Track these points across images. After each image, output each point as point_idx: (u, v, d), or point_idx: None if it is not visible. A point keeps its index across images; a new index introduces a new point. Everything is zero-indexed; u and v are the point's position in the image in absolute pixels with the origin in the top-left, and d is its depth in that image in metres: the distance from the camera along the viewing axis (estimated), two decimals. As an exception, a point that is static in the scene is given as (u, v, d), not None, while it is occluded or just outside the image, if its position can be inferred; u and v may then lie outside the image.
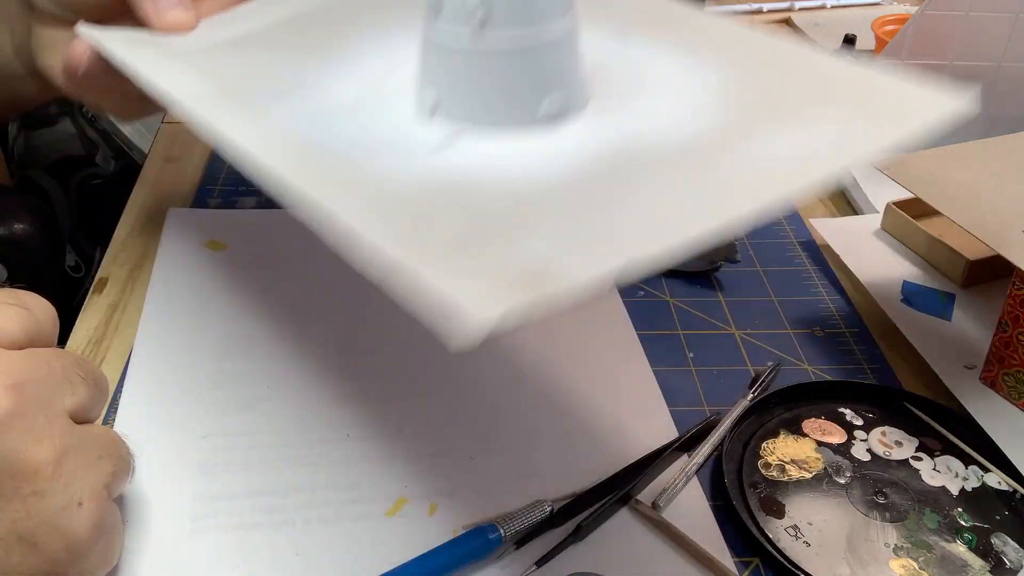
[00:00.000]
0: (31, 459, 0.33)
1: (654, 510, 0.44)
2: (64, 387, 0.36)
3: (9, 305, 0.36)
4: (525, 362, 0.52)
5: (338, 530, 0.42)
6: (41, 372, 0.35)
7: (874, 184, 0.67)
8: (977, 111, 0.36)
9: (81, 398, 0.37)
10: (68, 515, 0.34)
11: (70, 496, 0.34)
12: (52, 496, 0.33)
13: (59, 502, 0.34)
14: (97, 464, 0.36)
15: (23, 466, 0.33)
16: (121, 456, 0.38)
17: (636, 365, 0.52)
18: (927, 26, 0.67)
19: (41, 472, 0.33)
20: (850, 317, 0.57)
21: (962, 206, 0.52)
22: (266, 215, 0.63)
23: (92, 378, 0.38)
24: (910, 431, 0.49)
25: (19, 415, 0.33)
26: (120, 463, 0.38)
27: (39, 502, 0.33)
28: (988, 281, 0.59)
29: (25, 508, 0.33)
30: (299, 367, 0.51)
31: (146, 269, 0.58)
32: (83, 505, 0.34)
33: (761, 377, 0.52)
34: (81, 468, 0.35)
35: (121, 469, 0.38)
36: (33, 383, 0.34)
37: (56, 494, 0.34)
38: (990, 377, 0.51)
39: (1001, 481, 0.46)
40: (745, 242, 0.64)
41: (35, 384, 0.34)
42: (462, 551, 0.41)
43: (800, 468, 0.47)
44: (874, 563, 0.42)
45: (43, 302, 0.38)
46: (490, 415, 0.49)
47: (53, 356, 0.36)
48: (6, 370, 0.33)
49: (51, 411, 0.35)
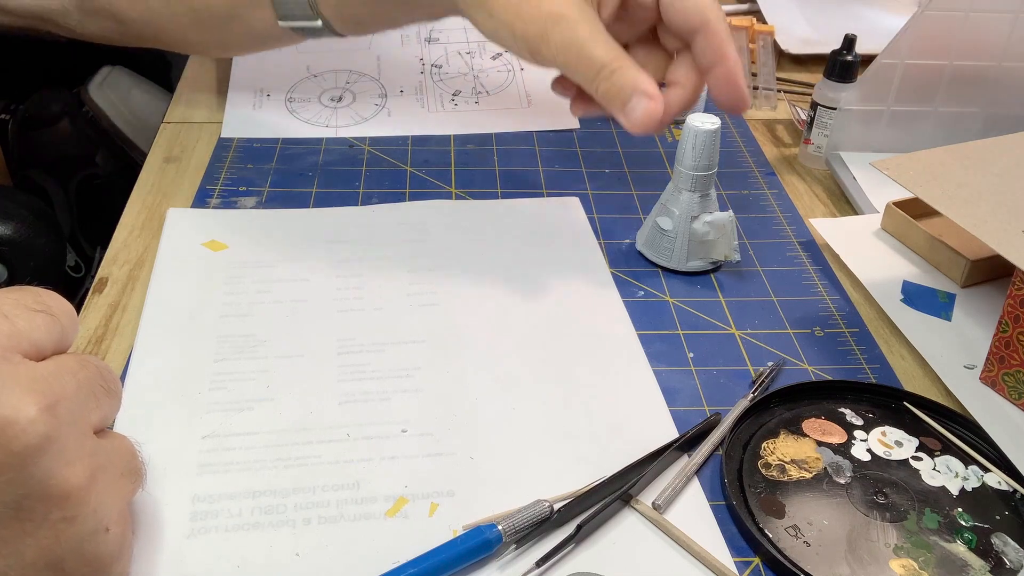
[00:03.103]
0: (63, 484, 0.32)
1: (654, 510, 0.44)
2: (90, 402, 0.35)
3: (36, 312, 0.34)
4: (525, 362, 0.52)
5: (338, 530, 0.42)
6: (70, 387, 0.33)
7: (874, 184, 0.67)
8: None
9: (104, 411, 0.36)
10: (96, 541, 0.33)
11: (99, 521, 0.33)
12: (83, 522, 0.33)
13: (89, 527, 0.33)
14: (121, 483, 0.36)
15: (55, 491, 0.32)
16: (138, 470, 0.37)
17: (636, 365, 0.52)
18: (927, 26, 0.67)
19: (72, 497, 0.32)
20: (850, 317, 0.57)
21: (962, 206, 0.52)
22: (266, 215, 0.63)
23: (113, 388, 0.37)
24: (910, 431, 0.49)
25: (53, 438, 0.31)
26: (138, 478, 0.37)
27: (68, 528, 0.32)
28: (988, 281, 0.59)
29: (55, 534, 0.32)
30: (299, 367, 0.51)
31: (146, 269, 0.58)
32: (110, 531, 0.34)
33: (761, 377, 0.52)
34: (108, 489, 0.34)
35: (138, 484, 0.37)
36: (64, 401, 0.33)
37: (87, 520, 0.33)
38: (990, 377, 0.51)
39: (1001, 481, 0.46)
40: (745, 242, 0.64)
41: (66, 402, 0.33)
42: (462, 551, 0.41)
43: (800, 468, 0.47)
44: (874, 563, 0.42)
45: (63, 303, 0.36)
46: (490, 415, 0.49)
47: (78, 366, 0.35)
48: (41, 389, 0.32)
49: (81, 429, 0.34)
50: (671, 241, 0.58)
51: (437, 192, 0.67)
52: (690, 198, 0.57)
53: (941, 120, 0.71)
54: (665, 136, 0.76)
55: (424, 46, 0.86)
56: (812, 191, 0.70)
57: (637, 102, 0.50)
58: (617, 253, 0.62)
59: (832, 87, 0.70)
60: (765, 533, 0.43)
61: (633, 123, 0.50)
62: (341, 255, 0.60)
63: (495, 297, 0.57)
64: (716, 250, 0.59)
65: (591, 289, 0.58)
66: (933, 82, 0.69)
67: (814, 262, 0.62)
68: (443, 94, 0.80)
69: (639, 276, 0.60)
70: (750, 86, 0.82)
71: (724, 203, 0.67)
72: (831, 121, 0.70)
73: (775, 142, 0.77)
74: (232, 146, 0.71)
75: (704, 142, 0.56)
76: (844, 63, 0.69)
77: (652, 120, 0.50)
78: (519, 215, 0.65)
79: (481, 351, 0.53)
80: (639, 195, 0.68)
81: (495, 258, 0.60)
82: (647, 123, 0.50)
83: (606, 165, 0.72)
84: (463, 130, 0.75)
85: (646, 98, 0.50)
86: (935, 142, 0.62)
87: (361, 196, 0.66)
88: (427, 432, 0.47)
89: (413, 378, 0.51)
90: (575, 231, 0.63)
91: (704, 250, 0.59)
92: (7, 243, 0.63)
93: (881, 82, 0.69)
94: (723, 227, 0.58)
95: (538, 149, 0.73)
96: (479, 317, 0.55)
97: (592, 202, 0.67)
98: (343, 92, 0.78)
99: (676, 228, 0.58)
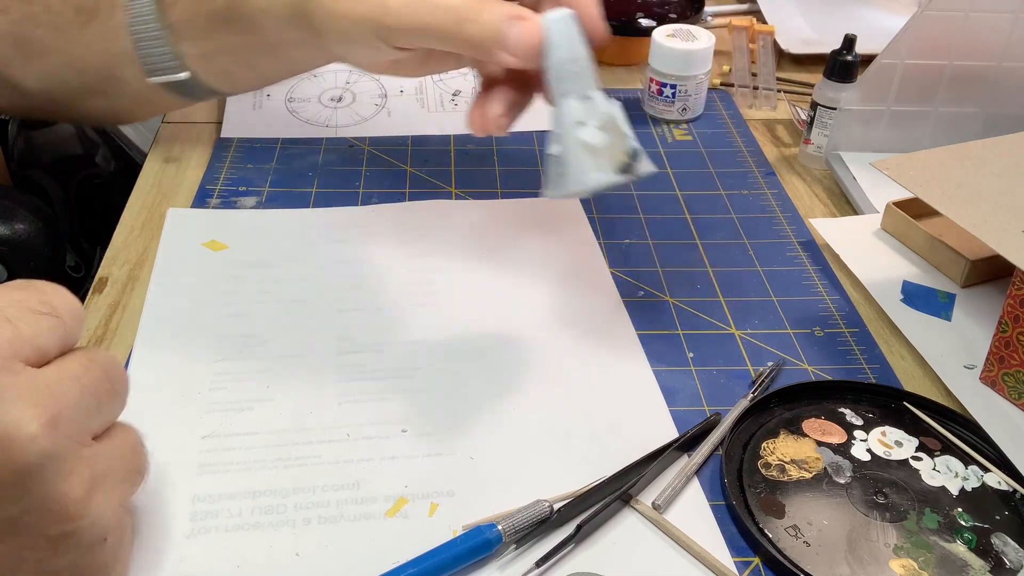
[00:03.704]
0: (62, 499, 0.31)
1: (654, 510, 0.44)
2: (93, 407, 0.34)
3: (42, 316, 0.33)
4: (525, 362, 0.52)
5: (338, 530, 0.42)
6: (73, 395, 0.33)
7: (874, 184, 0.67)
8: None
9: (108, 415, 0.35)
10: (93, 552, 0.33)
11: (97, 532, 0.33)
12: (80, 535, 0.32)
13: (86, 540, 0.32)
14: (121, 488, 0.35)
15: (54, 507, 0.31)
16: (140, 467, 0.37)
17: (636, 365, 0.52)
18: (927, 26, 0.67)
19: (71, 512, 0.31)
20: (850, 317, 0.57)
21: (962, 206, 0.52)
22: (266, 215, 0.63)
23: (119, 388, 0.36)
24: (910, 431, 0.49)
25: (53, 455, 0.31)
26: (139, 475, 0.37)
27: (65, 541, 0.32)
28: (988, 281, 0.59)
29: (52, 548, 0.32)
30: (299, 367, 0.51)
31: (146, 269, 0.58)
32: (107, 540, 0.33)
33: (761, 377, 0.52)
34: (108, 497, 0.33)
35: (140, 482, 0.37)
36: (67, 410, 0.32)
37: (84, 533, 0.32)
38: (990, 377, 0.51)
39: (1001, 481, 0.46)
40: (745, 242, 0.64)
41: (69, 411, 0.32)
42: (462, 551, 0.41)
43: (800, 468, 0.47)
44: (874, 563, 0.42)
45: (70, 300, 0.35)
46: (490, 415, 0.49)
47: (82, 370, 0.34)
48: (43, 401, 0.31)
49: (82, 438, 0.33)
50: (562, 164, 0.47)
51: (437, 192, 0.67)
52: (567, 106, 0.47)
53: (941, 120, 0.71)
54: (665, 136, 0.76)
55: (424, 46, 0.86)
56: (812, 191, 0.70)
57: (510, 26, 0.45)
58: (617, 253, 0.62)
59: (832, 87, 0.70)
60: (765, 533, 0.43)
61: (515, 48, 0.45)
62: (341, 255, 0.60)
63: (495, 297, 0.57)
64: (612, 155, 0.47)
65: (591, 289, 0.58)
66: (933, 82, 0.69)
67: (814, 262, 0.62)
68: (443, 94, 0.80)
69: (639, 276, 0.60)
70: (750, 86, 0.82)
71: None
72: (831, 121, 0.70)
73: (775, 142, 0.77)
74: (232, 146, 0.71)
75: (559, 33, 0.47)
76: (844, 63, 0.69)
77: (533, 40, 0.45)
78: (519, 215, 0.65)
79: (481, 351, 0.53)
80: (639, 195, 0.68)
81: (495, 258, 0.60)
82: (529, 43, 0.45)
83: (606, 165, 0.72)
84: (463, 130, 0.75)
85: (520, 20, 0.45)
86: (935, 142, 0.62)
87: (361, 196, 0.66)
88: (427, 432, 0.47)
89: (413, 378, 0.51)
90: (575, 231, 0.63)
91: (598, 159, 0.47)
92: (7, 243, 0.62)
93: (881, 82, 0.69)
94: (609, 121, 0.47)
95: (538, 149, 0.73)
96: (479, 317, 0.55)
97: (592, 202, 0.67)
98: (343, 92, 0.78)
99: (563, 141, 0.47)
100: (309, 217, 0.63)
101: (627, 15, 0.86)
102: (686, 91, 0.76)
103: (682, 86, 0.76)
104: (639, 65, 0.86)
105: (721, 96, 0.82)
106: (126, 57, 0.56)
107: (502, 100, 0.49)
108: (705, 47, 0.75)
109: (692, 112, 0.78)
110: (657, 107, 0.78)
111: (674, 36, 0.76)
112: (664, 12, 0.87)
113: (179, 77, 0.56)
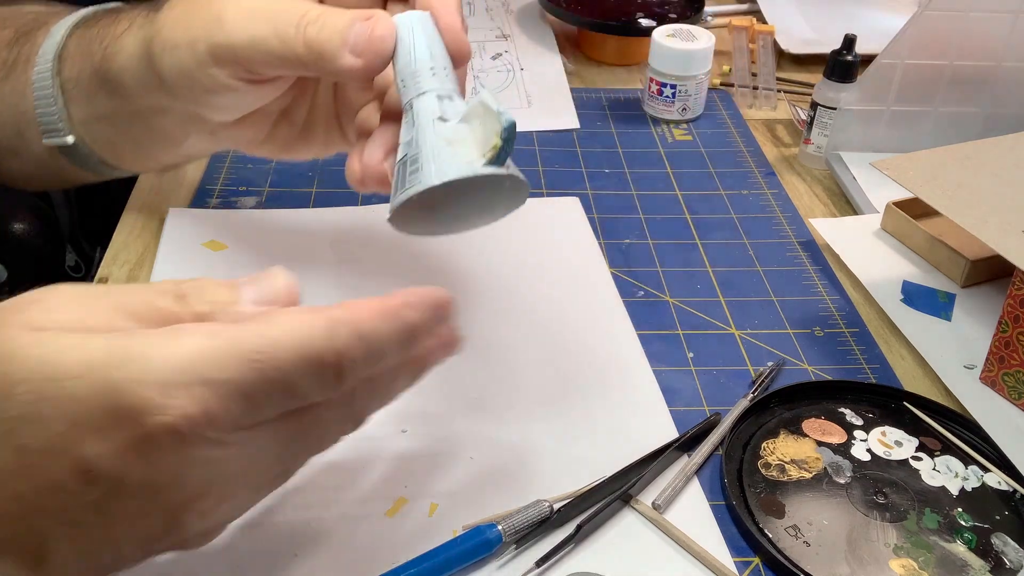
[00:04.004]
0: None
1: (654, 510, 0.44)
2: None
3: None
4: (525, 362, 0.52)
5: (338, 530, 0.42)
6: None
7: (874, 184, 0.67)
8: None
9: None
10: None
11: None
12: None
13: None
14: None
15: None
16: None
17: (636, 365, 0.52)
18: (927, 26, 0.67)
19: None
20: (850, 317, 0.57)
21: (962, 206, 0.52)
22: (266, 215, 0.63)
23: None
24: (910, 431, 0.49)
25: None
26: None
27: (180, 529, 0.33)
28: (988, 281, 0.59)
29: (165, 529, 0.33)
30: (299, 367, 0.51)
31: (146, 269, 0.58)
32: None
33: (761, 377, 0.52)
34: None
35: None
36: None
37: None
38: (990, 377, 0.51)
39: (1001, 481, 0.46)
40: (745, 242, 0.64)
41: None
42: (462, 551, 0.41)
43: (800, 468, 0.47)
44: (874, 563, 0.42)
45: None
46: (490, 415, 0.49)
47: None
48: None
49: None
50: (415, 162, 0.39)
51: (437, 192, 0.67)
52: (424, 102, 0.40)
53: (941, 120, 0.71)
54: (665, 136, 0.76)
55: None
56: (812, 191, 0.70)
57: (357, 27, 0.40)
58: (617, 253, 0.62)
59: (832, 87, 0.70)
60: (765, 533, 0.43)
61: (361, 47, 0.40)
62: (341, 255, 0.60)
63: (495, 297, 0.57)
64: (480, 140, 0.39)
65: (591, 289, 0.58)
66: (933, 82, 0.69)
67: (814, 262, 0.62)
68: (443, 94, 0.80)
69: (639, 276, 0.60)
70: (750, 86, 0.82)
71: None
72: (831, 121, 0.70)
73: (775, 142, 0.77)
74: (232, 146, 0.71)
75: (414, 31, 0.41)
76: (844, 63, 0.69)
77: (381, 34, 0.40)
78: (519, 215, 0.65)
79: (481, 351, 0.53)
80: (639, 195, 0.68)
81: (495, 258, 0.60)
82: (376, 39, 0.40)
83: (606, 165, 0.72)
84: (463, 130, 0.75)
85: (365, 20, 0.40)
86: (935, 142, 0.62)
87: (361, 196, 0.66)
88: (427, 432, 0.47)
89: (413, 378, 0.51)
90: (575, 231, 0.63)
91: (461, 148, 0.39)
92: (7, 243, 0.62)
93: (881, 82, 0.69)
94: (475, 110, 0.39)
95: (538, 149, 0.73)
96: (479, 317, 0.55)
97: (592, 202, 0.67)
98: (343, 92, 0.78)
99: (417, 140, 0.39)
100: (309, 217, 0.63)
101: (627, 15, 0.86)
102: (686, 91, 0.76)
103: (682, 86, 0.76)
104: (639, 65, 0.86)
105: (721, 96, 0.82)
106: (29, 116, 0.53)
107: (382, 143, 0.43)
108: (705, 47, 0.75)
109: (692, 112, 0.78)
110: (657, 107, 0.78)
111: (674, 36, 0.76)
112: (664, 12, 0.87)
113: (66, 141, 0.52)
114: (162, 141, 0.52)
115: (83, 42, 0.50)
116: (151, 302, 0.33)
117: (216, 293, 0.34)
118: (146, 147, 0.53)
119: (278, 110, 0.50)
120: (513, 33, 0.89)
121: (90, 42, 0.50)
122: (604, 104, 0.80)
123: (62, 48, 0.51)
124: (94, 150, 0.53)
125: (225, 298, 0.34)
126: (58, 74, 0.51)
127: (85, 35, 0.51)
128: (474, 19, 0.91)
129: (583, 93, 0.81)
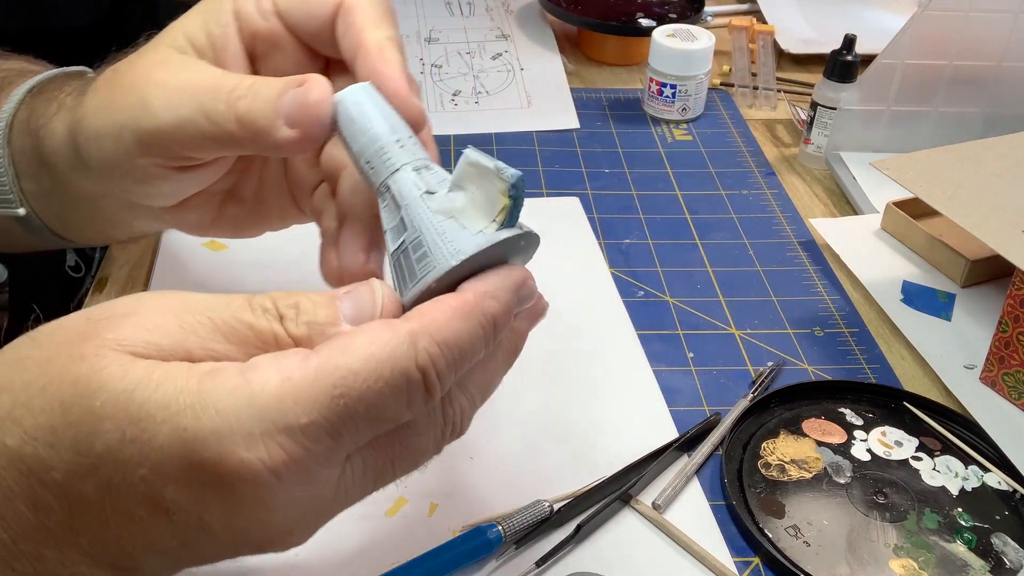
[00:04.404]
0: None
1: (654, 510, 0.44)
2: None
3: None
4: (525, 362, 0.52)
5: (338, 530, 0.42)
6: None
7: (874, 184, 0.67)
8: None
9: None
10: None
11: None
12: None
13: None
14: None
15: None
16: None
17: (636, 365, 0.52)
18: (927, 26, 0.67)
19: None
20: (850, 317, 0.57)
21: (962, 206, 0.52)
22: (266, 215, 0.63)
23: None
24: (910, 431, 0.49)
25: None
26: None
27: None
28: (988, 281, 0.59)
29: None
30: (299, 367, 0.51)
31: (146, 269, 0.58)
32: None
33: (761, 377, 0.52)
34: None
35: None
36: None
37: None
38: (990, 377, 0.51)
39: (1001, 481, 0.46)
40: (745, 242, 0.64)
41: None
42: (462, 551, 0.41)
43: (800, 468, 0.47)
44: (874, 563, 0.42)
45: None
46: (490, 415, 0.49)
47: None
48: None
49: None
50: (420, 247, 0.34)
51: (437, 192, 0.67)
52: (404, 179, 0.35)
53: (941, 120, 0.71)
54: (665, 136, 0.76)
55: (424, 46, 0.86)
56: (812, 191, 0.70)
57: (289, 95, 0.36)
58: (617, 253, 0.62)
59: (832, 87, 0.70)
60: (765, 533, 0.43)
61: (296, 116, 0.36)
62: (341, 255, 0.59)
63: (495, 297, 0.57)
64: (486, 205, 0.35)
65: (591, 289, 0.58)
66: (933, 82, 0.69)
67: (814, 262, 0.62)
68: (443, 94, 0.80)
69: (639, 276, 0.60)
70: (750, 86, 0.82)
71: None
72: (831, 121, 0.70)
73: (775, 142, 0.77)
74: (232, 146, 0.71)
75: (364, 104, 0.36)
76: (844, 63, 0.69)
77: (315, 99, 0.36)
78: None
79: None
80: (639, 195, 0.68)
81: (495, 258, 0.60)
82: (311, 105, 0.36)
83: (606, 165, 0.72)
84: (463, 130, 0.75)
85: (297, 86, 0.36)
86: (935, 142, 0.62)
87: (361, 196, 0.66)
88: (427, 432, 0.47)
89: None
90: (575, 231, 0.63)
91: (468, 218, 0.35)
92: (7, 243, 0.62)
93: (881, 82, 0.69)
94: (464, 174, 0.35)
95: (538, 149, 0.73)
96: (479, 317, 0.55)
97: (592, 202, 0.67)
98: (343, 92, 0.78)
99: (412, 222, 0.35)
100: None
101: (627, 15, 0.86)
102: (686, 91, 0.76)
103: (682, 86, 0.76)
104: (639, 65, 0.86)
105: (721, 96, 0.82)
106: None
107: (357, 242, 0.40)
108: (705, 47, 0.75)
109: (692, 112, 0.78)
110: (657, 107, 0.78)
111: (674, 36, 0.76)
112: (664, 12, 0.87)
113: (17, 213, 0.49)
114: (108, 221, 0.49)
115: (30, 114, 0.47)
116: (250, 323, 0.32)
117: (314, 313, 0.32)
118: (96, 225, 0.50)
119: (222, 191, 0.46)
120: (513, 33, 0.90)
121: (33, 116, 0.47)
122: (604, 104, 0.80)
123: (13, 117, 0.48)
124: (49, 223, 0.50)
125: (323, 318, 0.32)
126: (8, 144, 0.47)
127: (31, 106, 0.48)
128: (474, 19, 0.91)
129: (583, 93, 0.81)
